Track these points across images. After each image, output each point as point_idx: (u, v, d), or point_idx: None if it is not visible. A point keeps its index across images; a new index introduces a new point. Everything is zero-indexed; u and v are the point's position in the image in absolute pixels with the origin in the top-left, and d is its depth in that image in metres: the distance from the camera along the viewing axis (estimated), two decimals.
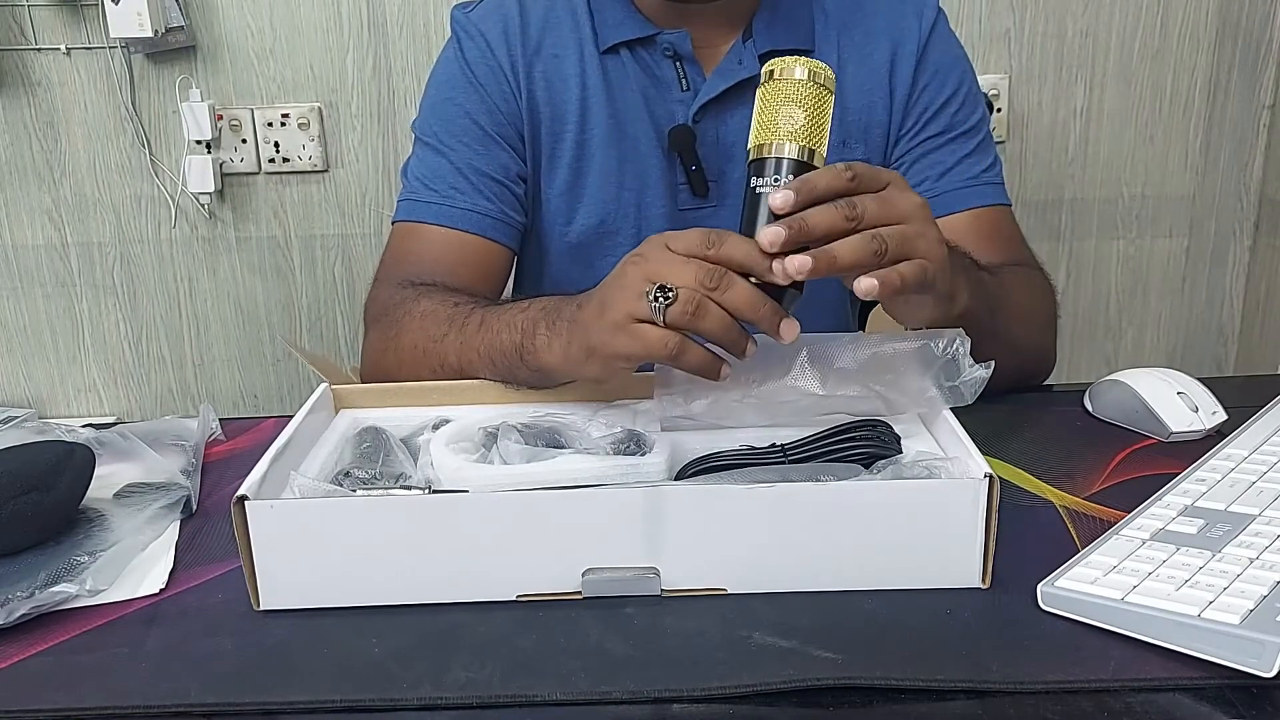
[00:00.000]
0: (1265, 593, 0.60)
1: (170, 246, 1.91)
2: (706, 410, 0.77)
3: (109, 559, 0.73)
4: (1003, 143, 1.90)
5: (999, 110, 1.87)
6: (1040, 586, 0.66)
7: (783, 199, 0.68)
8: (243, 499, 0.65)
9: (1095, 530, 0.73)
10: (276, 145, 1.85)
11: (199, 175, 1.82)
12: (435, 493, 0.70)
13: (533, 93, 1.04)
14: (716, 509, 0.66)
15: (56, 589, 0.69)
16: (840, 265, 0.68)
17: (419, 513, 0.67)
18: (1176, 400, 0.89)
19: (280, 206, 1.90)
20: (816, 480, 0.68)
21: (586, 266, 1.08)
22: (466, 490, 0.71)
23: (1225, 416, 0.88)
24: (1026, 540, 0.73)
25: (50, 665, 0.64)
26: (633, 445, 0.75)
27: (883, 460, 0.73)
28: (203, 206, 1.88)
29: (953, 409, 0.76)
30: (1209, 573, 0.63)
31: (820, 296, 1.13)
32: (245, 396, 2.01)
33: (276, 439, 0.74)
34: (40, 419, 0.96)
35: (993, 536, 0.66)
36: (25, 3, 1.76)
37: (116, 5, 1.69)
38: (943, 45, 1.08)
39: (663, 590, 0.67)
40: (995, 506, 0.66)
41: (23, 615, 0.67)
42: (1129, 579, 0.63)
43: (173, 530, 0.78)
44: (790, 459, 0.75)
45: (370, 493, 0.70)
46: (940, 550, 0.67)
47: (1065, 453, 0.86)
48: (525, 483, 0.71)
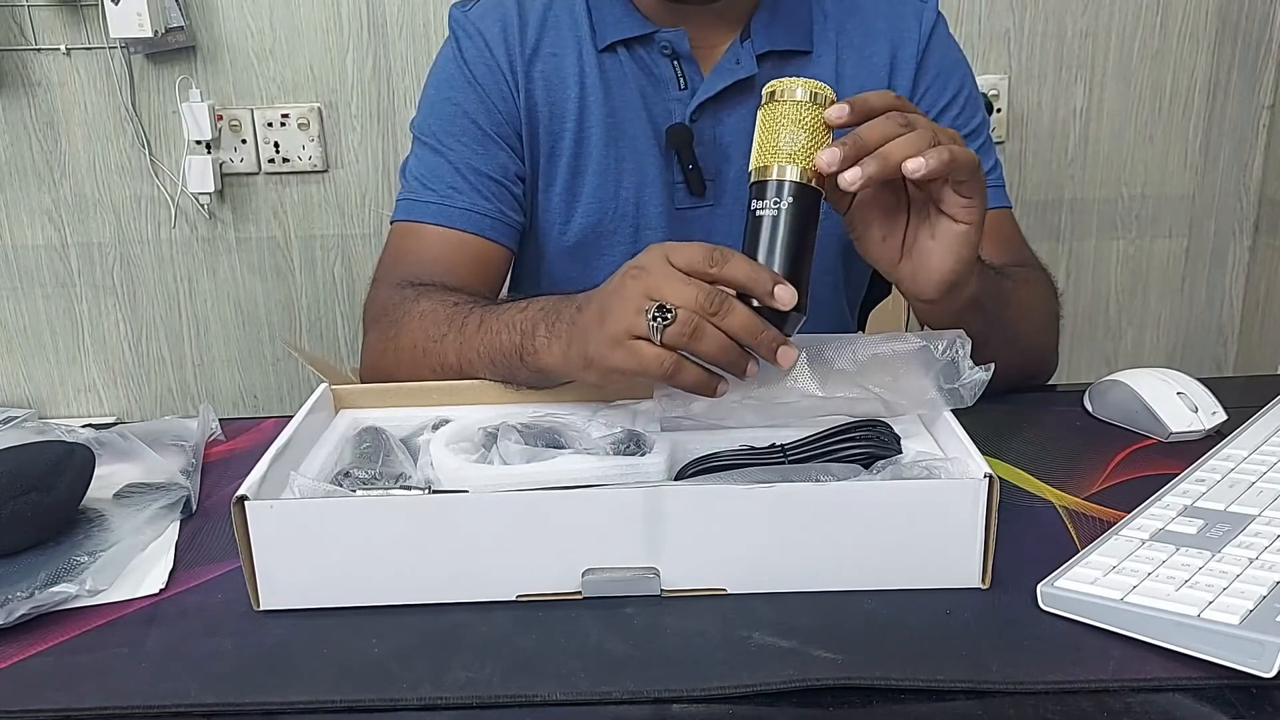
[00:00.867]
0: (1265, 593, 0.60)
1: (170, 247, 1.91)
2: (706, 411, 0.77)
3: (109, 559, 0.73)
4: (1003, 143, 1.90)
5: (999, 110, 1.87)
6: (1040, 586, 0.66)
7: (838, 112, 0.69)
8: (243, 499, 0.65)
9: (1095, 530, 0.73)
10: (276, 145, 1.85)
11: (199, 175, 1.82)
12: (435, 493, 0.70)
13: (531, 92, 1.04)
14: (716, 509, 0.66)
15: (56, 589, 0.69)
16: (894, 160, 0.70)
17: (419, 513, 0.67)
18: (1176, 400, 0.89)
19: (280, 207, 1.90)
20: (816, 480, 0.68)
21: (584, 265, 1.08)
22: (466, 490, 0.71)
23: (1225, 417, 0.88)
24: (1026, 540, 0.73)
25: (50, 665, 0.64)
26: (633, 445, 0.75)
27: (882, 460, 0.73)
28: (203, 207, 1.88)
29: (953, 410, 0.76)
30: (1209, 573, 0.63)
31: (817, 297, 1.13)
32: (245, 396, 2.01)
33: (276, 439, 0.74)
34: (40, 419, 0.96)
35: (992, 536, 0.67)
36: (25, 3, 1.76)
37: (116, 5, 1.69)
38: (943, 48, 1.08)
39: (663, 590, 0.67)
40: (995, 506, 0.66)
41: (23, 615, 0.67)
42: (1129, 579, 0.64)
43: (173, 530, 0.78)
44: (790, 459, 0.75)
45: (370, 493, 0.70)
46: (940, 550, 0.67)
47: (1065, 453, 0.86)
48: (525, 483, 0.71)
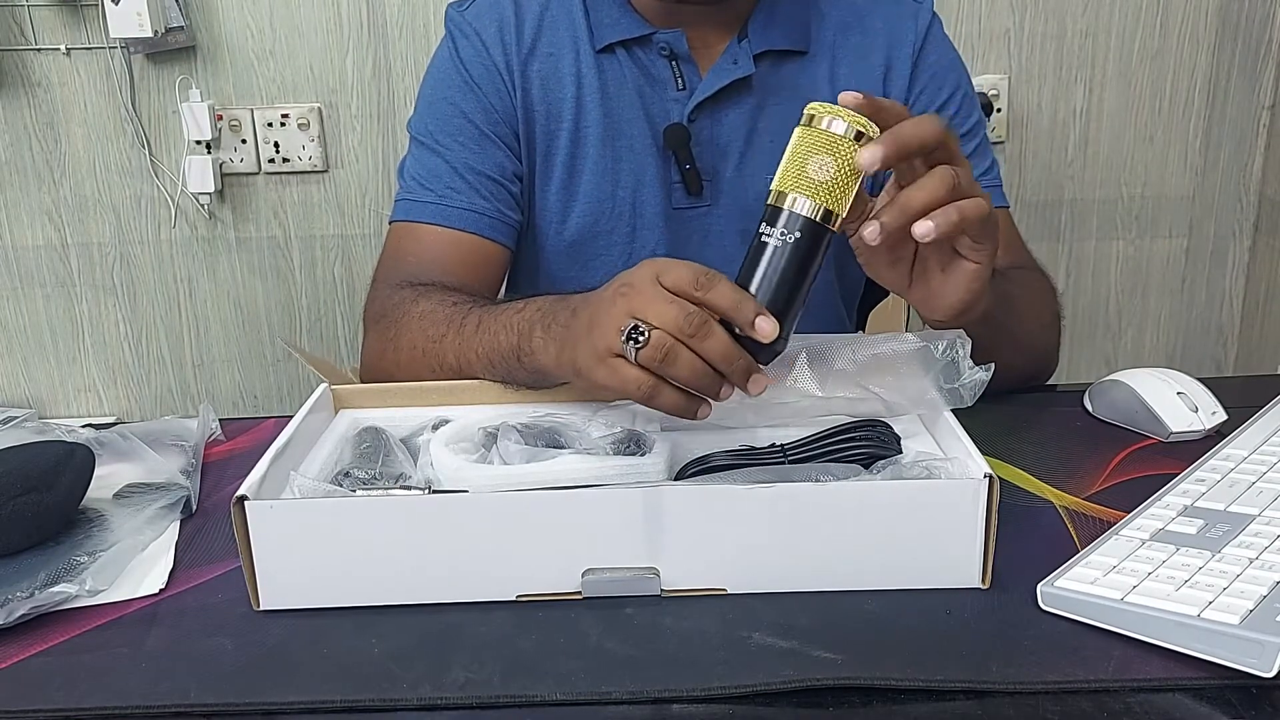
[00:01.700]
0: (1265, 593, 0.60)
1: (170, 247, 1.91)
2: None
3: (109, 559, 0.73)
4: (1002, 143, 1.90)
5: (998, 110, 1.87)
6: (1040, 586, 0.66)
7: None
8: (243, 499, 0.65)
9: (1095, 530, 0.73)
10: (276, 145, 1.85)
11: (199, 175, 1.82)
12: (435, 493, 0.70)
13: (528, 91, 1.04)
14: (716, 509, 0.66)
15: (56, 589, 0.69)
16: (912, 209, 0.69)
17: (419, 513, 0.67)
18: (1176, 400, 0.89)
19: (280, 207, 1.90)
20: (816, 480, 0.68)
21: (581, 265, 1.08)
22: (466, 490, 0.71)
23: (1225, 416, 0.88)
24: (1026, 540, 0.73)
25: (50, 665, 0.64)
26: (633, 445, 0.75)
27: (883, 460, 0.73)
28: (203, 207, 1.88)
29: (953, 410, 0.76)
30: (1209, 573, 0.63)
31: (814, 297, 1.13)
32: (245, 396, 2.01)
33: (276, 439, 0.74)
34: (40, 419, 0.96)
35: (992, 536, 0.67)
36: (25, 3, 1.76)
37: (116, 5, 1.69)
38: (938, 49, 1.08)
39: (662, 590, 0.67)
40: (995, 507, 0.66)
41: (23, 615, 0.67)
42: (1129, 579, 0.64)
43: (173, 530, 0.78)
44: (790, 459, 0.75)
45: (370, 493, 0.70)
46: (940, 550, 0.67)
47: (1065, 453, 0.86)
48: (525, 483, 0.71)
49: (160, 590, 0.71)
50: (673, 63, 1.04)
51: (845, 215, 0.69)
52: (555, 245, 1.08)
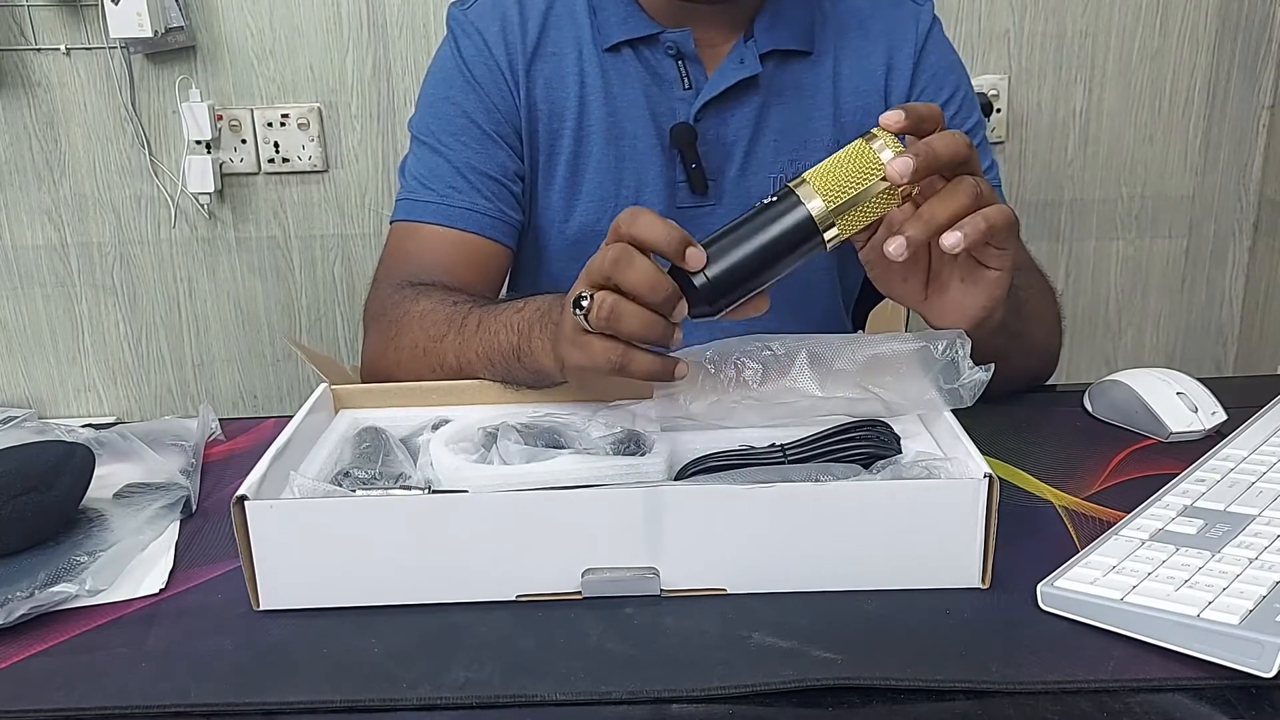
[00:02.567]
0: (1265, 593, 0.60)
1: (170, 247, 1.91)
2: (706, 411, 0.77)
3: (109, 559, 0.73)
4: (1002, 143, 1.90)
5: (998, 110, 1.87)
6: (1040, 586, 0.66)
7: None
8: (242, 499, 0.65)
9: (1095, 530, 0.73)
10: (276, 145, 1.85)
11: (199, 175, 1.82)
12: (435, 493, 0.70)
13: (531, 91, 1.05)
14: (716, 509, 0.66)
15: (56, 589, 0.69)
16: (939, 221, 0.68)
17: (419, 513, 0.67)
18: (1176, 400, 0.89)
19: (280, 207, 1.90)
20: (816, 480, 0.68)
21: (584, 264, 1.08)
22: (466, 490, 0.71)
23: (1225, 417, 0.88)
24: (1026, 540, 0.73)
25: (50, 665, 0.64)
26: (632, 445, 0.75)
27: (882, 460, 0.73)
28: (202, 207, 1.88)
29: (953, 410, 0.76)
30: (1208, 573, 0.63)
31: (814, 296, 1.13)
32: (245, 396, 2.01)
33: (276, 439, 0.74)
34: (40, 419, 0.96)
35: (992, 536, 0.67)
36: (25, 3, 1.76)
37: (116, 5, 1.69)
38: (938, 50, 1.08)
39: (662, 590, 0.67)
40: (995, 506, 0.66)
41: (23, 615, 0.67)
42: (1129, 579, 0.64)
43: (173, 530, 0.78)
44: (790, 459, 0.75)
45: (370, 493, 0.70)
46: (940, 550, 0.67)
47: (1065, 453, 0.86)
48: (525, 483, 0.71)
49: (160, 590, 0.71)
50: (679, 62, 1.04)
51: (842, 237, 0.69)
52: (558, 244, 1.08)
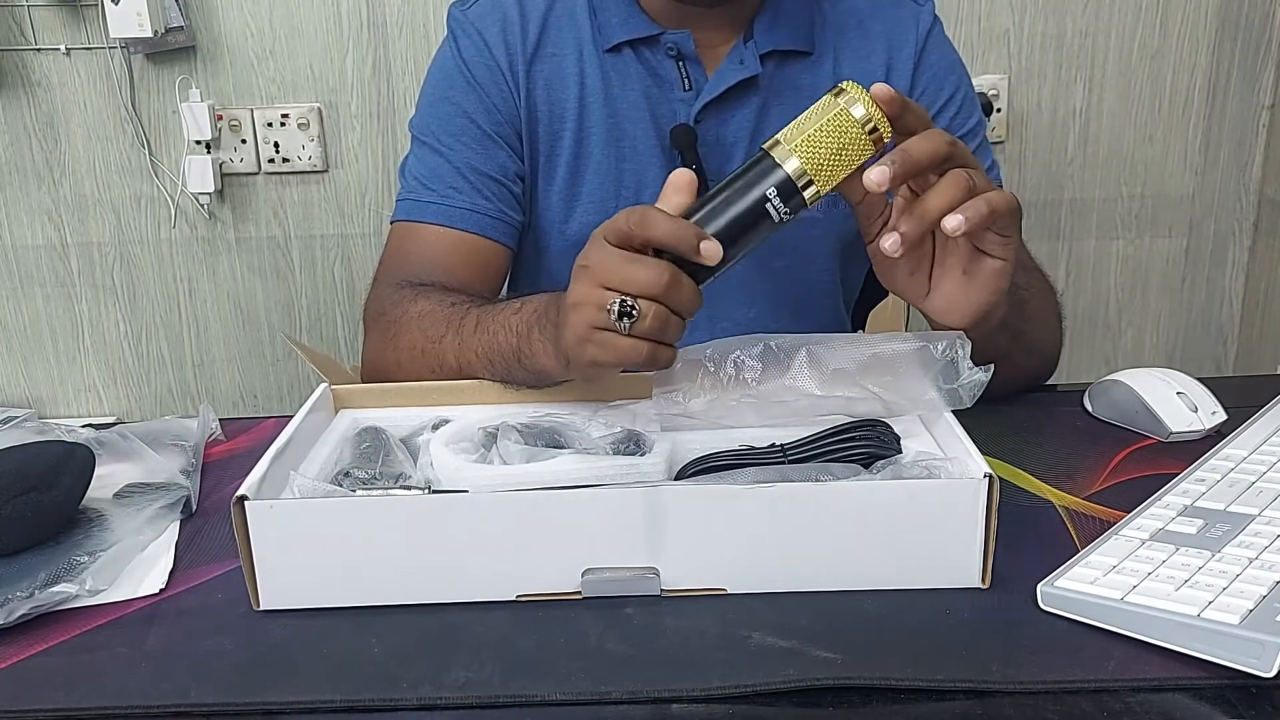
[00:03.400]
0: (1265, 593, 0.60)
1: (170, 247, 1.91)
2: (705, 409, 0.77)
3: (109, 559, 0.73)
4: (1002, 143, 1.90)
5: (998, 110, 1.87)
6: (1040, 586, 0.66)
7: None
8: (242, 499, 0.65)
9: (1095, 530, 0.73)
10: (276, 145, 1.85)
11: (199, 175, 1.82)
12: (435, 493, 0.70)
13: (531, 92, 1.04)
14: (716, 509, 0.66)
15: (56, 589, 0.69)
16: (930, 216, 0.69)
17: (419, 513, 0.67)
18: (1176, 400, 0.89)
19: (280, 207, 1.90)
20: (816, 480, 0.68)
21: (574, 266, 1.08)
22: (466, 490, 0.71)
23: (1225, 416, 0.88)
24: (1026, 540, 0.73)
25: (50, 665, 0.64)
26: (632, 445, 0.75)
27: (882, 460, 0.73)
28: (202, 207, 1.88)
29: (953, 410, 0.76)
30: (1209, 573, 0.63)
31: (815, 296, 1.13)
32: (245, 396, 2.01)
33: (276, 439, 0.74)
34: (40, 419, 0.96)
35: (992, 536, 0.67)
36: (25, 3, 1.76)
37: (116, 5, 1.69)
38: (939, 50, 1.08)
39: (662, 590, 0.67)
40: (995, 506, 0.66)
41: (23, 615, 0.67)
42: (1129, 579, 0.64)
43: (173, 530, 0.78)
44: (790, 459, 0.75)
45: (370, 493, 0.70)
46: (940, 550, 0.67)
47: (1065, 453, 0.86)
48: (525, 483, 0.71)
49: (160, 590, 0.71)
50: (679, 63, 1.04)
51: (822, 193, 0.69)
52: (558, 245, 1.08)
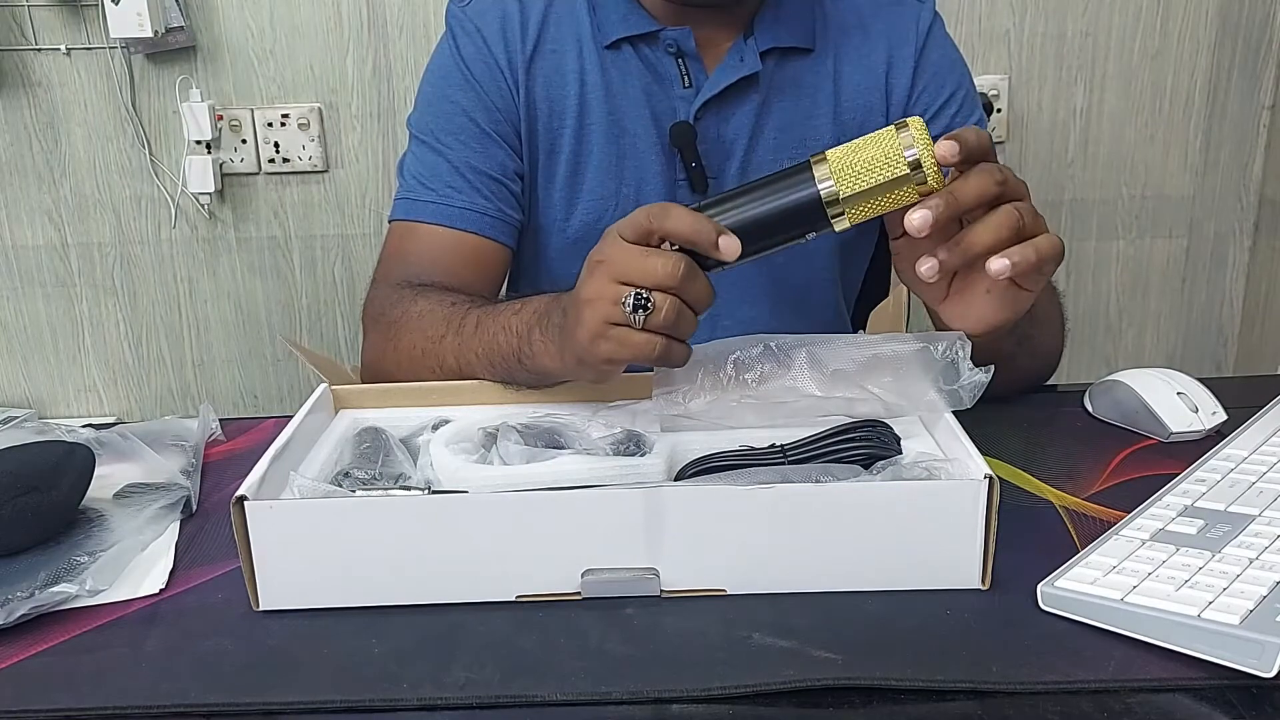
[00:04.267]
0: (1265, 593, 0.60)
1: (170, 247, 1.91)
2: (705, 410, 0.77)
3: (109, 559, 0.73)
4: (1003, 143, 1.90)
5: (999, 111, 1.87)
6: (1040, 586, 0.66)
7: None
8: (242, 499, 0.65)
9: (1095, 530, 0.73)
10: (276, 145, 1.85)
11: (199, 175, 1.82)
12: (435, 493, 0.70)
13: (531, 89, 1.04)
14: (716, 509, 0.66)
15: (56, 589, 0.69)
16: (974, 252, 0.69)
17: (418, 513, 0.67)
18: (1176, 400, 0.89)
19: (280, 207, 1.90)
20: (816, 481, 0.68)
21: (584, 262, 1.08)
22: (466, 491, 0.71)
23: (1225, 417, 0.88)
24: (1026, 540, 0.73)
25: (50, 665, 0.64)
26: (632, 446, 0.75)
27: (882, 461, 0.73)
28: (203, 207, 1.88)
29: (953, 410, 0.76)
30: (1209, 573, 0.63)
31: (816, 295, 1.13)
32: (245, 396, 2.00)
33: (276, 439, 0.74)
34: (40, 419, 0.96)
35: (992, 537, 0.67)
36: (25, 3, 1.76)
37: (116, 5, 1.69)
38: (940, 48, 1.08)
39: (662, 591, 0.67)
40: (995, 508, 0.66)
41: (23, 615, 0.67)
42: (1129, 579, 0.63)
43: (173, 530, 0.78)
44: (790, 459, 0.75)
45: (370, 493, 0.70)
46: (940, 551, 0.67)
47: (1065, 453, 0.86)
48: (525, 483, 0.71)
49: (160, 590, 0.71)
50: (679, 60, 1.04)
51: (851, 225, 0.69)
52: (559, 243, 1.08)
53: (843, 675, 0.59)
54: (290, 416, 0.79)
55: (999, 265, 0.68)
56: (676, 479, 0.74)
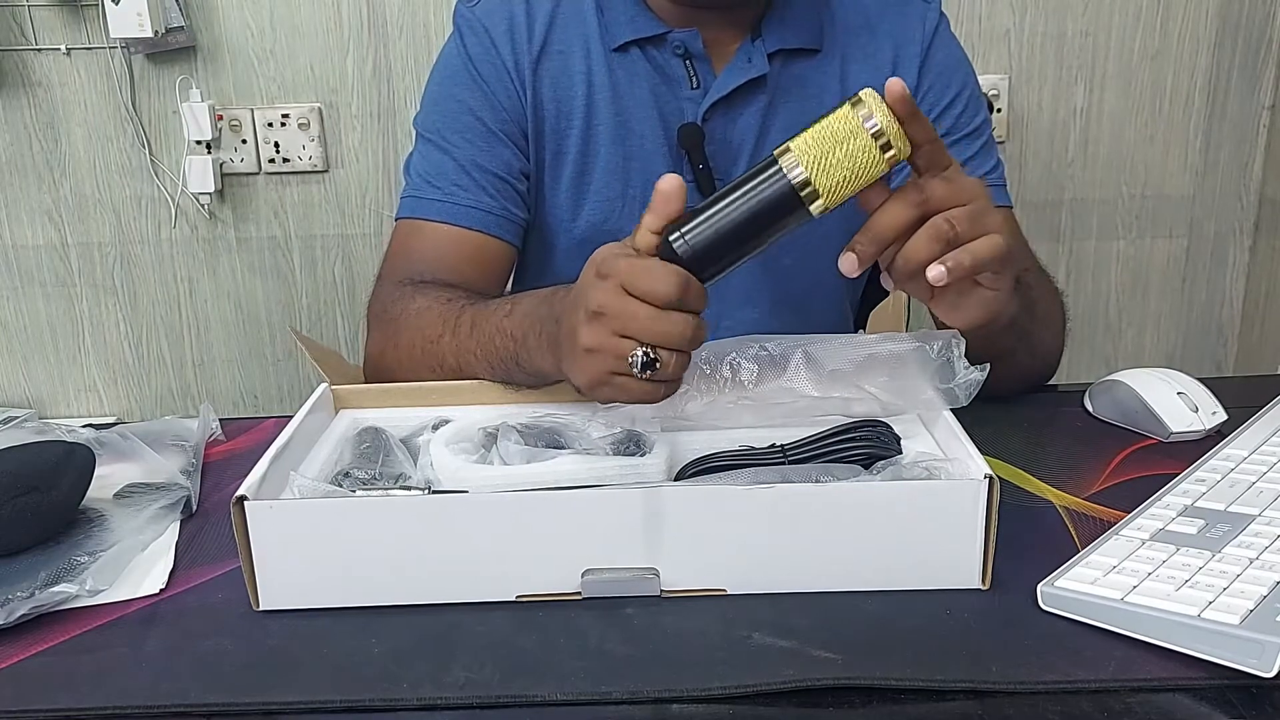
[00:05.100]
0: (1265, 593, 0.60)
1: (170, 247, 1.91)
2: (702, 411, 0.77)
3: (109, 559, 0.73)
4: (1003, 143, 1.90)
5: (999, 110, 1.87)
6: (1040, 586, 0.66)
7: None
8: (242, 499, 0.65)
9: (1095, 530, 0.73)
10: (276, 145, 1.85)
11: (199, 175, 1.82)
12: (435, 493, 0.70)
13: (538, 90, 1.04)
14: (716, 509, 0.66)
15: (56, 589, 0.69)
16: (913, 266, 0.69)
17: (418, 513, 0.67)
18: (1176, 400, 0.89)
19: (280, 207, 1.90)
20: (816, 481, 0.68)
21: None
22: (466, 490, 0.71)
23: (1225, 416, 0.88)
24: (1026, 540, 0.73)
25: (50, 665, 0.64)
26: (632, 446, 0.75)
27: (882, 461, 0.73)
28: (203, 207, 1.88)
29: (952, 410, 0.76)
30: (1209, 573, 0.63)
31: (821, 294, 1.13)
32: (245, 396, 2.00)
33: (276, 439, 0.74)
34: (40, 419, 0.96)
35: (992, 537, 0.67)
36: (25, 3, 1.76)
37: (116, 5, 1.69)
38: (945, 48, 1.08)
39: (662, 591, 0.67)
40: (995, 507, 0.66)
41: (23, 615, 0.67)
42: (1129, 579, 0.64)
43: (173, 530, 0.78)
44: (790, 459, 0.75)
45: (370, 493, 0.70)
46: (940, 551, 0.67)
47: (1065, 453, 0.86)
48: (525, 483, 0.71)
49: (160, 590, 0.71)
50: (687, 62, 1.04)
51: (829, 208, 0.68)
52: (565, 243, 1.08)
53: (842, 675, 0.59)
54: (290, 416, 0.79)
55: (935, 273, 0.69)
56: (676, 479, 0.74)
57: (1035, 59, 1.87)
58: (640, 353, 0.66)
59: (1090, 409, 0.95)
